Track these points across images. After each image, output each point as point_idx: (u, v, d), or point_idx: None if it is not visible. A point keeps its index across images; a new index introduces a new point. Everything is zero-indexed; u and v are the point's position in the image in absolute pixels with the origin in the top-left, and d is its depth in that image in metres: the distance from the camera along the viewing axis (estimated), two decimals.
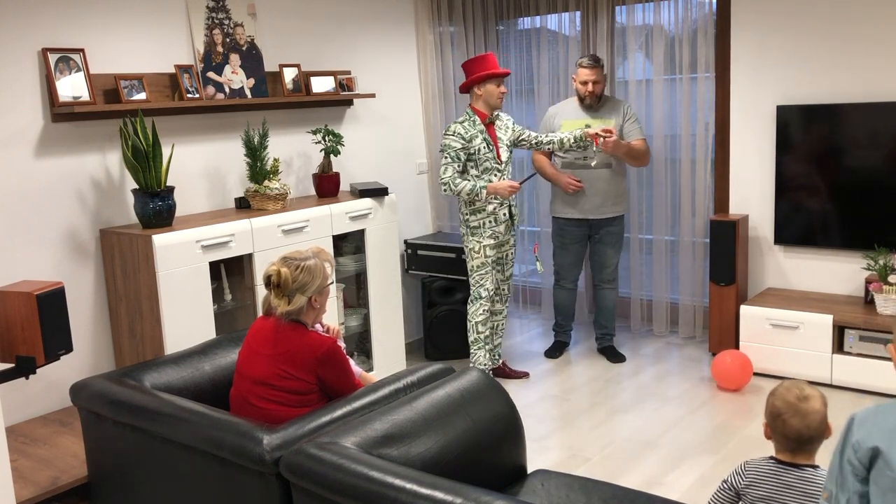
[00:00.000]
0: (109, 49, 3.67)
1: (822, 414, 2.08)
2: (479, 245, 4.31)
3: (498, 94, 4.25)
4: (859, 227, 4.40)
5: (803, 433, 2.06)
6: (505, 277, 4.53)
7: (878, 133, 4.27)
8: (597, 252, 4.85)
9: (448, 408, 2.37)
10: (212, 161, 4.10)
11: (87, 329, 3.64)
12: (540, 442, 3.83)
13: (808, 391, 2.10)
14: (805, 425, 2.06)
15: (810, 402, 2.08)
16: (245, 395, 2.61)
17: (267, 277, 2.60)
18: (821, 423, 2.07)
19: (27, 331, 2.58)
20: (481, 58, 4.28)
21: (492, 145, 4.26)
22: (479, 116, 4.27)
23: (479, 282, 4.35)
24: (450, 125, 4.27)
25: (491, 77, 4.23)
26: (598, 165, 4.61)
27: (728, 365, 4.28)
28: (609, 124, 4.56)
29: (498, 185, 4.20)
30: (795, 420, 2.06)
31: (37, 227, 3.46)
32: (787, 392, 2.10)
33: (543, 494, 2.37)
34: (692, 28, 4.90)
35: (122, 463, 2.66)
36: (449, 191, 4.21)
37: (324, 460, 2.04)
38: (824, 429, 2.09)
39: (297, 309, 2.59)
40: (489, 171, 4.25)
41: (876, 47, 4.28)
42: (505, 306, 4.59)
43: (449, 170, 4.20)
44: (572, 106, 4.73)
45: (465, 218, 4.32)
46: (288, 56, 4.42)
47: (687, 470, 3.48)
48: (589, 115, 4.66)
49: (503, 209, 4.33)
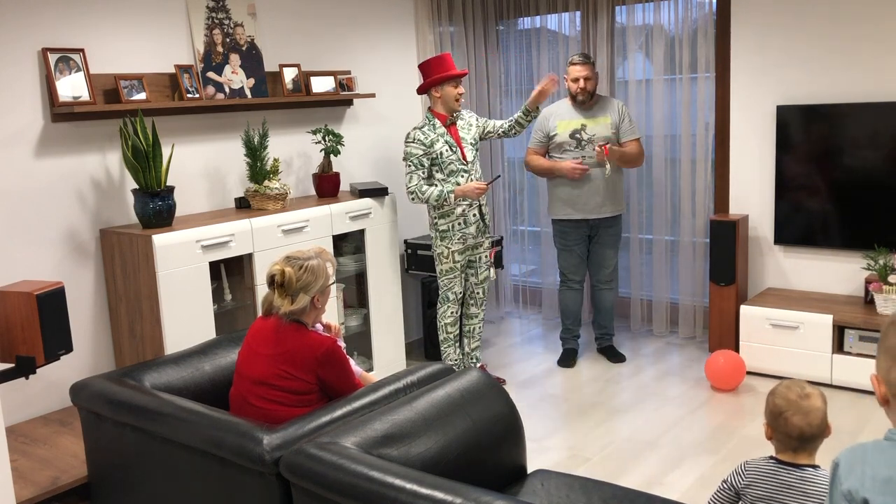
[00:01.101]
0: (109, 49, 3.67)
1: (823, 412, 2.08)
2: (447, 250, 4.30)
3: (455, 96, 4.21)
4: (859, 227, 4.40)
5: (805, 431, 2.07)
6: (479, 281, 4.48)
7: (878, 133, 4.27)
8: (596, 253, 4.80)
9: (448, 408, 2.37)
10: (212, 161, 4.10)
11: (87, 329, 3.64)
12: (540, 442, 3.83)
13: (809, 389, 2.11)
14: (807, 423, 2.06)
15: (811, 400, 2.08)
16: (245, 395, 2.61)
17: (270, 277, 2.60)
18: (822, 420, 2.08)
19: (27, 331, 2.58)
20: (437, 59, 4.24)
21: (455, 147, 4.24)
22: (440, 119, 4.25)
23: (447, 285, 4.36)
24: (409, 132, 4.25)
25: (447, 79, 4.20)
26: (594, 166, 4.55)
27: (721, 366, 4.28)
28: (604, 123, 4.56)
29: (465, 188, 4.19)
30: (797, 418, 2.07)
31: (37, 227, 3.46)
32: (787, 390, 2.11)
33: (543, 494, 2.37)
34: (692, 28, 4.90)
35: (122, 463, 2.66)
36: (417, 199, 4.21)
37: (324, 460, 2.04)
38: (825, 427, 2.09)
39: (300, 309, 2.59)
40: (455, 174, 4.23)
41: (876, 47, 4.28)
42: (480, 309, 4.54)
43: (414, 178, 4.20)
44: (566, 107, 4.66)
45: (434, 222, 4.32)
46: (288, 56, 4.42)
47: (687, 470, 3.48)
48: (583, 114, 4.59)
49: (473, 210, 4.30)
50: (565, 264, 4.84)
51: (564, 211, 4.69)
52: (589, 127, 4.55)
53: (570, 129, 4.56)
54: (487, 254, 4.48)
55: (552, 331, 5.52)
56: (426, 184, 4.21)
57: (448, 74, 4.18)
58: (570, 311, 4.91)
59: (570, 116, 4.62)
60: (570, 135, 4.56)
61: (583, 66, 4.54)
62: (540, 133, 4.69)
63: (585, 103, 4.59)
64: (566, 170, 4.54)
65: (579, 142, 4.56)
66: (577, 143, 4.56)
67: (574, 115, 4.62)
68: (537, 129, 4.71)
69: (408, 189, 4.22)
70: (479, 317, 4.55)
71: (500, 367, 4.90)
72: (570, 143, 4.57)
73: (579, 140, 4.56)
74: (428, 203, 4.23)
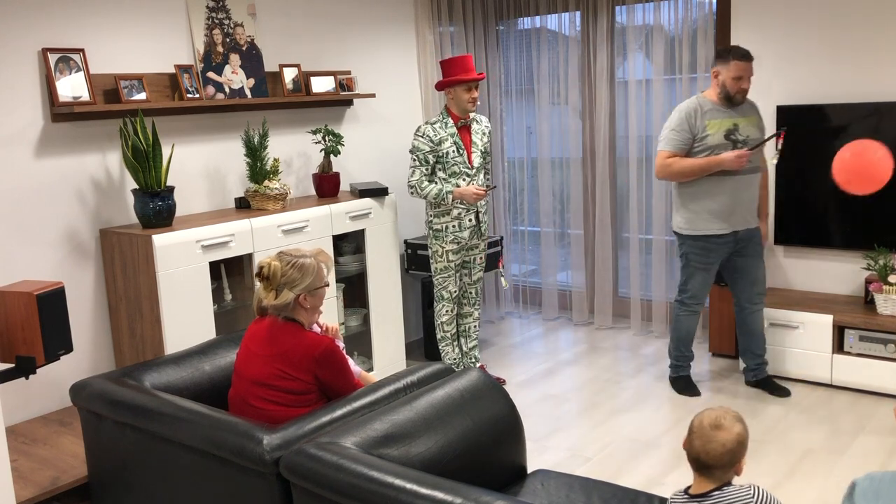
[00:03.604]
0: (109, 49, 3.67)
1: (726, 448, 1.99)
2: (441, 249, 4.31)
3: (468, 100, 4.19)
4: (859, 227, 4.40)
5: (701, 457, 2.04)
6: (473, 281, 4.49)
7: (878, 133, 4.26)
8: (745, 267, 4.18)
9: (448, 408, 2.37)
10: (212, 161, 4.10)
11: (87, 329, 3.64)
12: (540, 442, 3.83)
13: (726, 423, 2.03)
14: (704, 450, 2.03)
15: (719, 432, 2.02)
16: (243, 395, 2.61)
17: (259, 268, 2.62)
18: (721, 455, 2.00)
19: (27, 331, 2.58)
20: (456, 60, 4.22)
21: (462, 149, 4.23)
22: (453, 118, 4.26)
23: (441, 284, 4.36)
24: (420, 126, 4.25)
25: (460, 83, 4.18)
26: (753, 169, 4.08)
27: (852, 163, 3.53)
28: (754, 122, 4.10)
29: (464, 191, 4.19)
30: (698, 442, 2.04)
31: (37, 227, 3.46)
32: (707, 415, 2.07)
33: (543, 494, 2.37)
34: (692, 28, 4.90)
35: (122, 463, 2.66)
36: (416, 194, 4.21)
37: (324, 460, 2.04)
38: (726, 463, 2.02)
39: (282, 304, 2.59)
40: (457, 176, 4.22)
41: (876, 47, 4.28)
42: (474, 308, 4.55)
43: (416, 173, 4.20)
44: (712, 104, 4.02)
45: (430, 220, 4.33)
46: (288, 56, 4.42)
47: (687, 470, 3.48)
48: (736, 113, 4.03)
49: (469, 215, 4.30)
50: (699, 286, 4.19)
51: (713, 225, 4.05)
52: (742, 127, 4.03)
53: (724, 130, 3.99)
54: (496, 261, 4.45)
55: (552, 331, 5.53)
56: (428, 180, 4.21)
57: (458, 78, 4.16)
58: (688, 336, 4.33)
59: (724, 115, 4.02)
60: (724, 135, 3.99)
61: (749, 63, 3.97)
62: (684, 134, 3.99)
63: (739, 102, 4.04)
64: (731, 160, 3.89)
65: (734, 143, 3.99)
66: (732, 145, 3.98)
67: (729, 114, 4.02)
68: (676, 129, 4.01)
69: (409, 183, 4.23)
70: (473, 315, 4.55)
71: (500, 367, 4.90)
72: (725, 146, 3.97)
73: (734, 141, 3.99)
74: (426, 199, 4.23)
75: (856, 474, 3.37)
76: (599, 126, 5.31)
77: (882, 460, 3.50)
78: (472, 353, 4.59)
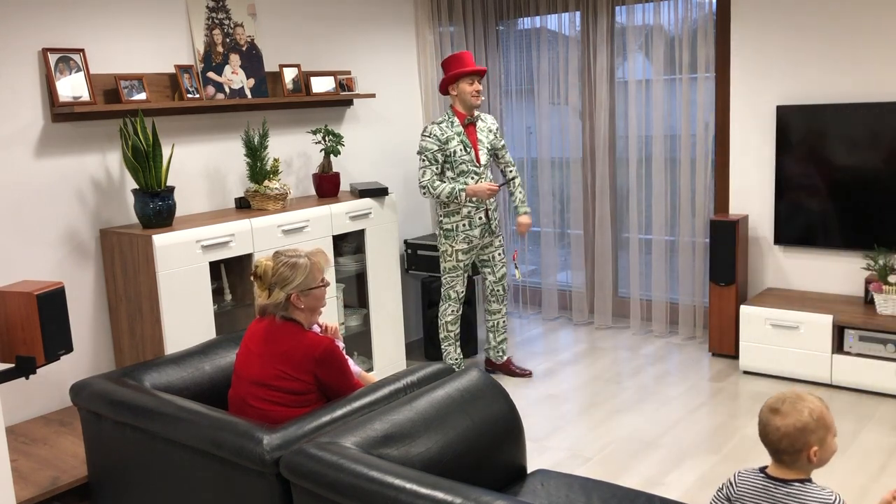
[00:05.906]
0: (109, 49, 3.67)
1: (781, 433, 1.96)
2: (451, 248, 4.32)
3: (471, 93, 4.21)
4: (859, 227, 4.40)
5: (762, 439, 2.03)
6: (497, 279, 4.52)
7: (878, 133, 4.27)
8: None
9: (448, 408, 2.37)
10: (212, 161, 4.10)
11: (87, 329, 3.64)
12: (540, 442, 3.83)
13: (784, 407, 1.98)
14: (764, 432, 2.01)
15: (774, 417, 1.99)
16: (243, 396, 2.61)
17: (254, 267, 2.64)
18: (779, 440, 1.97)
19: (27, 331, 2.58)
20: (455, 56, 4.25)
21: (470, 148, 4.24)
22: (458, 117, 4.26)
23: (449, 283, 4.38)
24: (426, 126, 4.26)
25: (462, 76, 4.20)
26: None
27: None
28: None
29: (477, 187, 4.20)
30: (760, 424, 2.04)
31: (37, 227, 3.46)
32: (774, 398, 2.05)
33: (543, 494, 2.37)
34: (692, 28, 4.90)
35: (122, 463, 2.66)
36: (428, 194, 4.22)
37: (324, 460, 2.04)
38: (787, 447, 1.96)
39: (274, 303, 2.60)
40: (465, 174, 4.24)
41: (876, 47, 4.28)
42: (502, 305, 4.59)
43: (427, 173, 4.21)
44: None
45: (440, 220, 4.34)
46: (288, 56, 4.42)
47: (687, 470, 3.48)
48: None
49: (479, 213, 4.31)
50: None
51: None
52: None
53: None
54: (511, 255, 4.44)
55: (552, 331, 5.53)
56: (439, 179, 4.21)
57: (462, 70, 4.18)
58: None
59: None
60: None
61: None
62: None
63: None
64: None
65: None
66: None
67: None
68: None
69: (420, 183, 4.24)
70: (501, 312, 4.60)
71: None
72: None
73: None
74: (438, 199, 4.24)
75: (856, 474, 3.37)
76: (599, 126, 5.31)
77: (882, 460, 3.50)
78: (501, 346, 4.66)
